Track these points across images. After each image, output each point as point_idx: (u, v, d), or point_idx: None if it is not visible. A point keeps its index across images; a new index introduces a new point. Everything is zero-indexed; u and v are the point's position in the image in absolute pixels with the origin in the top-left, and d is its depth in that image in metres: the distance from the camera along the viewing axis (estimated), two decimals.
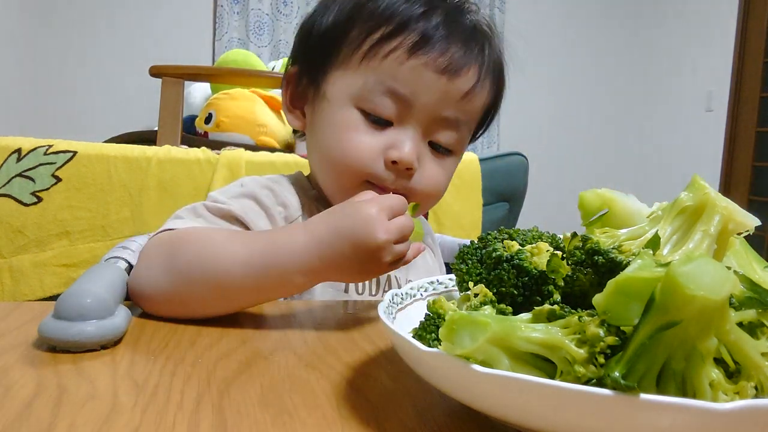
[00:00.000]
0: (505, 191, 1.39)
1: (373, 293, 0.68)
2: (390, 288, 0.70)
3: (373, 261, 0.49)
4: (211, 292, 0.51)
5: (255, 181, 0.68)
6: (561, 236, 0.41)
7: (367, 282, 0.68)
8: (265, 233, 0.56)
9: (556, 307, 0.30)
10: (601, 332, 0.27)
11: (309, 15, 0.69)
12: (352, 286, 0.67)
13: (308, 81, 0.68)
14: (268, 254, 0.50)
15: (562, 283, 0.35)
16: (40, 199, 1.00)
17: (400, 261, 0.51)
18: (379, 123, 0.63)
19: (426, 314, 0.37)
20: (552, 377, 0.28)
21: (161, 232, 0.56)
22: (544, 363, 0.29)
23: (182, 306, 0.51)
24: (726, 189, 3.88)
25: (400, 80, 0.61)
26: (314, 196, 0.70)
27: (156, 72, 1.64)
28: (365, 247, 0.48)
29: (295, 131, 0.75)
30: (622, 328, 0.28)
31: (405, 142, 0.62)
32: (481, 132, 0.74)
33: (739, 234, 0.35)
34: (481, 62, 0.65)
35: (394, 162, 0.62)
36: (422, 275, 0.73)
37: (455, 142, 0.66)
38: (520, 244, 0.40)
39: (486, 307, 0.34)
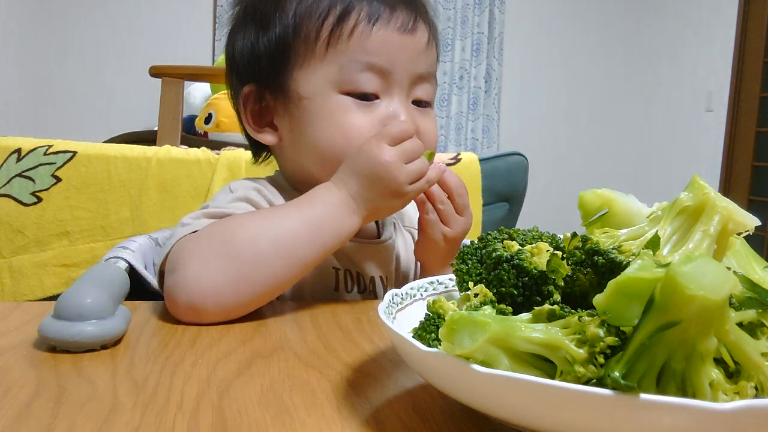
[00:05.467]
0: (505, 191, 1.39)
1: (361, 290, 0.71)
2: (372, 285, 0.72)
3: (397, 197, 0.60)
4: (282, 260, 0.55)
5: (242, 184, 0.69)
6: (561, 236, 0.41)
7: (350, 281, 0.71)
8: (298, 199, 0.61)
9: (556, 307, 0.30)
10: (601, 332, 0.27)
11: (242, 37, 0.69)
12: (341, 284, 0.69)
13: (271, 94, 0.68)
14: (316, 211, 0.58)
15: (562, 283, 0.35)
16: (40, 199, 1.00)
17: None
18: (367, 99, 0.65)
19: (426, 314, 0.37)
20: (552, 377, 0.28)
21: (182, 237, 0.56)
22: (544, 363, 0.29)
23: (251, 286, 0.53)
24: (726, 189, 3.88)
25: (373, 52, 0.63)
26: (295, 196, 0.69)
27: (156, 72, 1.64)
28: (389, 191, 0.59)
29: (255, 156, 0.75)
30: (622, 328, 0.28)
31: (399, 112, 0.65)
32: None
33: (739, 234, 0.35)
34: (424, 16, 0.69)
35: None
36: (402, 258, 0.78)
37: (432, 94, 0.70)
38: (520, 244, 0.40)
39: (486, 307, 0.34)
